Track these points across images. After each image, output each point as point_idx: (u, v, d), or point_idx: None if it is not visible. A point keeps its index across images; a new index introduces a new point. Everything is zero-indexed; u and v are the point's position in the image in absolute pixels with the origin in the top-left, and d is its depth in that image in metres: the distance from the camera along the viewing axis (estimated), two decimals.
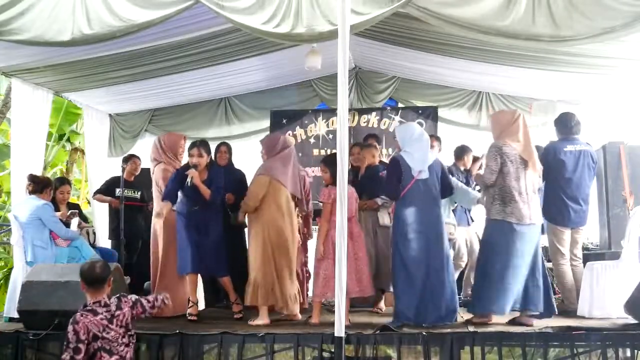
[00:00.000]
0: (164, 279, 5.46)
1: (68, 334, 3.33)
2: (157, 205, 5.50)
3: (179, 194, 5.20)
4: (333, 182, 4.91)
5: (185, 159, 5.54)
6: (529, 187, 4.71)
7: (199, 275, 5.44)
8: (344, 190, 4.07)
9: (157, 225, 5.55)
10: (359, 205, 5.42)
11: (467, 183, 6.07)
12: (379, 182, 5.40)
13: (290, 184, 5.13)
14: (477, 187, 5.82)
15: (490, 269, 4.66)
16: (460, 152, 6.39)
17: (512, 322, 4.67)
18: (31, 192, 5.47)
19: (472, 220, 6.38)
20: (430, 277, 4.64)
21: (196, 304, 5.27)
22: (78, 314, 3.41)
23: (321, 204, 5.04)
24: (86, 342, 3.33)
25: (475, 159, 6.20)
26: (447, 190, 4.94)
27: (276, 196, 5.05)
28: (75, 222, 5.90)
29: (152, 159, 5.73)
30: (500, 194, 4.68)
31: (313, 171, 7.49)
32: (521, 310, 4.68)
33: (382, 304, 5.74)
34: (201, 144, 5.21)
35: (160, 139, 5.74)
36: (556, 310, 4.75)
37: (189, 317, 5.17)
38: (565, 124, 5.40)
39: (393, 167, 4.87)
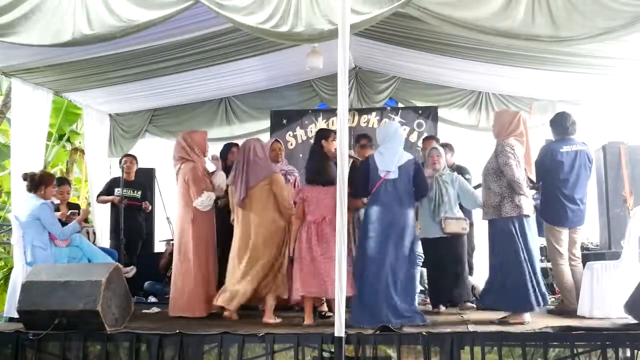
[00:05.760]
0: (203, 272, 5.33)
1: None
2: (182, 200, 5.42)
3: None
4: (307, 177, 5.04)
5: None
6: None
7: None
8: (343, 191, 4.05)
9: (187, 218, 5.36)
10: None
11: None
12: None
13: None
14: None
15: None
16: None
17: (501, 321, 4.74)
18: (28, 190, 5.43)
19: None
20: (387, 277, 4.63)
21: None
22: None
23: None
24: None
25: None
26: (421, 190, 4.92)
27: None
28: None
29: (177, 158, 5.50)
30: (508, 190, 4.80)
31: None
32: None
33: None
34: None
35: (185, 137, 5.52)
36: (534, 306, 4.71)
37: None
38: (561, 124, 5.40)
39: (362, 167, 4.96)
